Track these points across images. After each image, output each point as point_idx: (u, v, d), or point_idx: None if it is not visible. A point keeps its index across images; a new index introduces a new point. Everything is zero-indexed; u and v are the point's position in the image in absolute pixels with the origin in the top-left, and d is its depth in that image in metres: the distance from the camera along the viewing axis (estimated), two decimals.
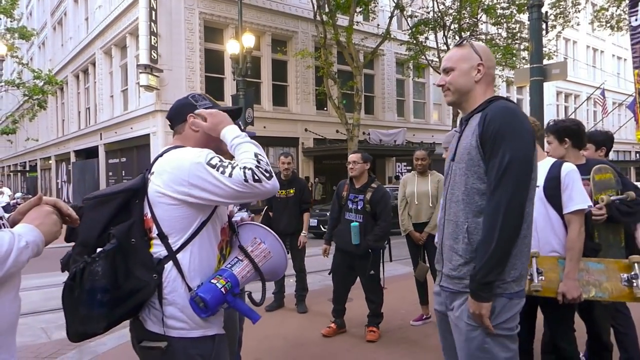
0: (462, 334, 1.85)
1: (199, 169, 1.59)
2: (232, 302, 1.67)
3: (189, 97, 1.87)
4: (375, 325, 4.59)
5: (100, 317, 1.58)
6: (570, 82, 28.95)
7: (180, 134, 1.84)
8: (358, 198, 4.56)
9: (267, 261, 1.82)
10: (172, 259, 1.65)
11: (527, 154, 1.78)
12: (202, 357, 1.67)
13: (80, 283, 1.55)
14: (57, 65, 25.92)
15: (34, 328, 4.98)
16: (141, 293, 1.62)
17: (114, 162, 20.46)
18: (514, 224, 1.74)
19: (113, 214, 1.69)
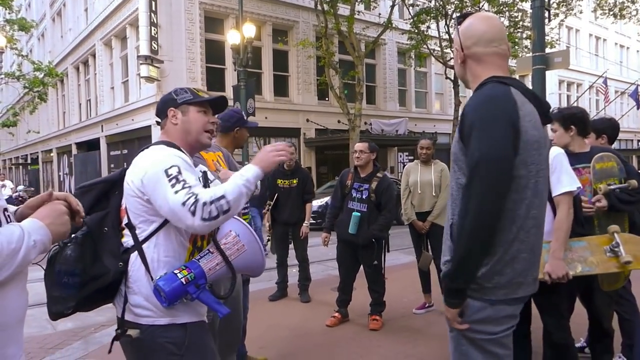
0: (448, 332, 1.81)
1: (155, 173, 1.67)
2: (194, 293, 1.68)
3: (171, 92, 1.95)
4: (378, 314, 4.62)
5: (68, 298, 1.69)
6: (573, 70, 28.78)
7: (163, 128, 1.94)
8: (363, 187, 4.53)
9: (239, 255, 1.81)
10: (137, 249, 1.73)
11: (497, 149, 1.54)
12: (173, 344, 1.71)
13: (52, 266, 1.68)
14: (56, 56, 25.83)
15: (40, 319, 5.01)
16: (101, 279, 1.71)
17: (115, 154, 20.46)
18: (480, 229, 1.54)
19: (93, 203, 1.82)
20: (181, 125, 1.88)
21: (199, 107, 1.91)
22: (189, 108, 1.89)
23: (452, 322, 1.69)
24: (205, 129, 1.91)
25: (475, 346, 1.69)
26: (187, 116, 1.89)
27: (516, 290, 1.66)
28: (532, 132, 1.63)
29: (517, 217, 1.62)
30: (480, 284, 1.63)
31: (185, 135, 1.88)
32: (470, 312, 1.66)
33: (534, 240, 1.68)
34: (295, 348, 4.06)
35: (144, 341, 1.72)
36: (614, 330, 3.13)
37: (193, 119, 1.89)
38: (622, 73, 33.32)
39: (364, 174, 4.60)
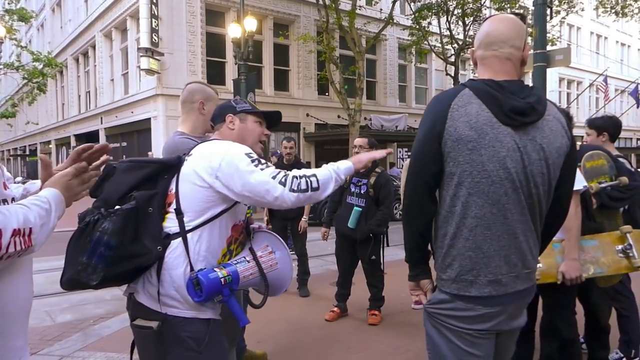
0: None
1: (236, 156, 1.69)
2: (227, 296, 1.69)
3: (231, 101, 2.03)
4: (376, 309, 4.63)
5: (96, 268, 1.58)
6: (573, 68, 28.78)
7: (218, 130, 1.99)
8: (362, 182, 4.55)
9: (272, 271, 1.83)
10: (182, 236, 1.70)
11: (415, 146, 1.71)
12: (193, 340, 1.68)
13: (91, 232, 1.59)
14: (56, 47, 25.74)
15: (38, 311, 5.02)
16: (141, 259, 1.65)
17: (114, 147, 20.40)
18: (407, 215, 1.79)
19: (140, 181, 1.77)
20: (237, 131, 1.95)
21: (256, 117, 1.99)
22: (247, 117, 1.98)
23: (410, 291, 1.88)
24: (260, 139, 1.98)
25: (435, 328, 1.76)
26: (244, 124, 1.97)
27: (468, 288, 1.66)
28: (466, 132, 1.61)
29: (454, 213, 1.66)
30: (439, 274, 1.74)
31: (240, 141, 1.88)
32: (434, 297, 1.77)
33: (480, 241, 1.64)
34: (294, 342, 4.07)
35: (165, 332, 1.68)
36: (610, 326, 3.15)
37: (250, 128, 1.98)
38: (623, 71, 33.30)
39: (363, 169, 4.60)
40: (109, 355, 3.74)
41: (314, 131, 19.22)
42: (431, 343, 1.79)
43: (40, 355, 3.82)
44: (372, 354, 3.78)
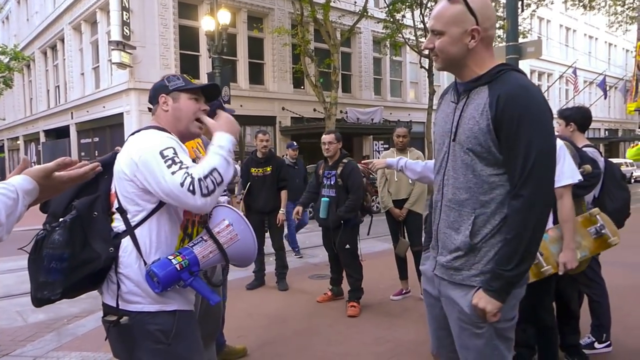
0: (465, 329, 1.72)
1: (150, 155, 1.63)
2: (187, 279, 1.67)
3: (164, 79, 1.92)
4: (355, 300, 4.68)
5: (55, 283, 1.62)
6: (544, 60, 29.33)
7: (154, 113, 1.91)
8: (331, 174, 4.79)
9: (233, 243, 1.80)
10: (130, 234, 1.70)
11: (552, 144, 1.60)
12: (161, 332, 1.68)
13: (40, 250, 1.61)
14: (22, 40, 24.92)
15: (9, 312, 4.89)
16: (92, 264, 1.66)
17: (86, 142, 19.97)
18: (544, 221, 1.62)
19: (81, 187, 1.76)
20: (172, 112, 1.85)
21: (190, 94, 1.88)
22: (180, 95, 1.86)
23: (491, 317, 1.62)
24: (196, 117, 1.88)
25: (503, 339, 1.70)
26: (177, 103, 1.86)
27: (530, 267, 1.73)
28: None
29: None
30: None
31: (175, 122, 1.85)
32: (507, 310, 1.65)
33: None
34: (274, 336, 4.06)
35: (132, 328, 1.69)
36: (579, 311, 3.25)
37: (184, 106, 1.86)
38: (591, 63, 34.13)
39: (332, 161, 4.84)
40: (85, 355, 3.67)
41: (290, 125, 19.14)
42: (499, 356, 1.71)
43: (12, 357, 3.73)
44: (352, 346, 3.80)
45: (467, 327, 1.70)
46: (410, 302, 4.93)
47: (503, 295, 1.61)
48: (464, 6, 1.62)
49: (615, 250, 2.91)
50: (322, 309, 4.77)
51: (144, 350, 1.69)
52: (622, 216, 3.15)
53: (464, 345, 1.75)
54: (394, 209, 4.91)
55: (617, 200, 3.12)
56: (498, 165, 1.63)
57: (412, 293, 5.08)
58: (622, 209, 3.14)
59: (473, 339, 1.70)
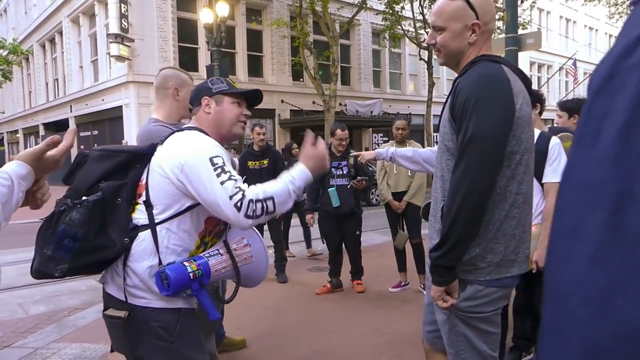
0: (439, 312, 1.78)
1: (199, 160, 1.62)
2: (196, 290, 1.66)
3: (207, 82, 1.94)
4: (359, 279, 5.11)
5: (61, 260, 1.58)
6: (544, 52, 29.23)
7: (195, 115, 1.91)
8: (342, 165, 4.93)
9: (246, 264, 1.80)
10: (151, 229, 1.67)
11: (491, 130, 1.53)
12: (164, 329, 1.67)
13: (56, 224, 1.58)
14: (21, 34, 24.82)
15: (11, 303, 4.92)
16: (105, 252, 1.64)
17: (85, 135, 19.95)
18: (471, 207, 1.54)
19: (110, 170, 1.74)
20: (214, 115, 1.86)
21: (233, 98, 1.89)
22: (224, 98, 1.87)
23: (436, 300, 1.67)
24: (239, 120, 1.89)
25: (470, 326, 1.70)
26: (220, 106, 1.86)
27: (509, 268, 1.66)
28: (525, 109, 1.62)
29: (508, 194, 1.62)
30: (475, 264, 1.63)
31: (217, 125, 1.85)
32: (465, 294, 1.67)
33: (523, 217, 1.67)
34: (273, 327, 4.09)
35: (135, 323, 1.67)
36: None
37: (227, 110, 1.87)
38: (591, 55, 34.01)
39: (339, 153, 4.97)
40: (85, 346, 3.70)
41: (289, 117, 19.12)
42: (466, 343, 1.72)
43: (13, 348, 3.75)
44: (351, 338, 3.83)
45: (440, 311, 1.76)
46: (409, 294, 4.95)
47: (435, 279, 1.65)
48: (464, 1, 1.66)
49: None
50: (321, 301, 4.80)
51: (145, 346, 1.68)
52: None
53: (441, 330, 1.82)
54: (393, 202, 4.93)
55: None
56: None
57: (411, 285, 5.11)
58: None
59: (442, 323, 1.77)
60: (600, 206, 0.37)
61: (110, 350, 1.85)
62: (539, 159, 2.63)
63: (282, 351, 3.59)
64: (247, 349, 3.67)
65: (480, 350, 1.71)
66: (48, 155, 1.33)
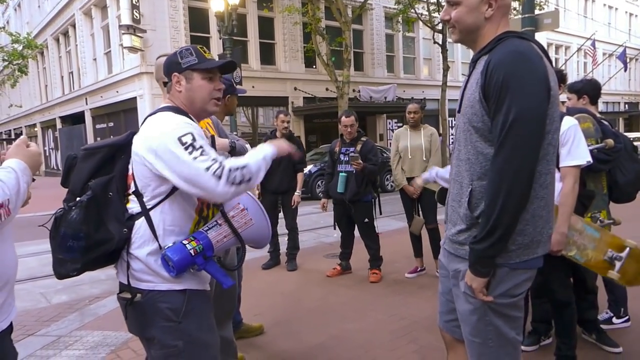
0: (462, 302, 1.72)
1: (167, 142, 1.62)
2: (202, 264, 1.69)
3: (176, 54, 1.82)
4: (376, 268, 5.04)
5: (72, 260, 1.68)
6: (561, 33, 28.61)
7: (169, 92, 1.85)
8: (350, 150, 4.94)
9: (247, 228, 1.80)
10: (145, 216, 1.71)
11: (536, 110, 1.50)
12: (171, 310, 1.71)
13: (57, 228, 1.66)
14: (35, 28, 25.08)
15: (34, 293, 5.02)
16: (106, 245, 1.69)
17: (101, 127, 20.17)
18: (520, 192, 1.52)
19: (98, 166, 1.78)
20: (185, 93, 1.80)
21: (204, 73, 1.80)
22: (193, 75, 1.78)
23: (478, 293, 1.62)
24: (212, 97, 1.83)
25: (499, 314, 1.66)
26: (191, 84, 1.79)
27: (536, 249, 1.63)
28: (555, 87, 1.58)
29: (538, 175, 1.57)
30: (506, 247, 1.59)
31: (190, 103, 1.81)
32: (497, 280, 1.62)
33: (549, 196, 1.64)
34: (290, 314, 4.11)
35: (144, 305, 1.72)
36: (597, 287, 3.22)
37: (197, 88, 1.79)
38: (610, 35, 33.20)
39: (349, 139, 5.00)
40: (106, 334, 3.77)
41: (302, 105, 19.07)
42: (495, 332, 1.67)
43: (37, 336, 3.84)
44: (367, 323, 3.84)
45: (466, 301, 1.71)
46: (425, 279, 4.94)
47: (479, 270, 1.60)
48: None
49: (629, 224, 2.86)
50: (336, 287, 4.81)
51: (155, 327, 1.72)
52: (634, 189, 3.09)
53: (462, 319, 1.76)
54: (408, 187, 4.89)
55: (629, 173, 3.05)
56: (490, 135, 1.60)
57: (427, 271, 5.09)
58: (635, 182, 3.07)
59: (468, 313, 1.70)
60: None
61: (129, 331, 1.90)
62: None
63: (299, 337, 3.62)
64: (264, 335, 3.70)
65: (508, 337, 1.68)
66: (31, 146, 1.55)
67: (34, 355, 3.47)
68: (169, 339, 1.71)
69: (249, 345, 3.49)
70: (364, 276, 5.06)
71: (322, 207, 5.38)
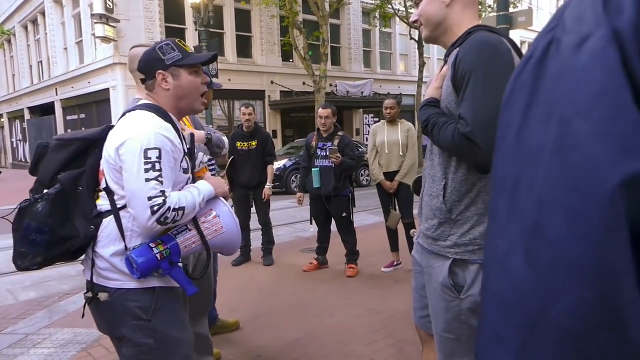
0: (436, 299, 1.71)
1: (134, 148, 1.58)
2: (167, 269, 1.66)
3: (156, 49, 1.76)
4: (353, 262, 5.05)
5: (34, 254, 1.64)
6: (534, 31, 29.08)
7: (151, 90, 1.78)
8: (327, 146, 4.91)
9: (217, 236, 1.77)
10: (114, 214, 1.66)
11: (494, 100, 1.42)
12: (140, 309, 1.67)
13: (21, 220, 1.61)
14: (2, 14, 24.26)
15: (0, 290, 4.87)
16: (71, 242, 1.65)
17: (72, 119, 19.66)
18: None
19: (69, 159, 1.73)
20: (173, 91, 1.75)
21: (190, 68, 1.77)
22: (180, 71, 1.74)
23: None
24: (201, 93, 1.81)
25: (475, 313, 1.63)
26: (179, 81, 1.75)
27: None
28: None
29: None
30: (480, 244, 1.58)
31: (177, 101, 1.77)
32: (471, 279, 1.61)
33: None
34: (267, 309, 4.08)
35: (112, 304, 1.68)
36: None
37: (186, 85, 1.76)
38: None
39: (326, 134, 4.98)
40: (77, 331, 3.67)
41: (279, 99, 18.95)
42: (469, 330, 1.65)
43: (4, 335, 3.72)
44: (345, 317, 3.84)
45: (440, 298, 1.69)
46: (402, 274, 4.97)
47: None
48: None
49: None
50: (314, 282, 4.80)
51: (125, 326, 1.69)
52: None
53: (434, 315, 1.75)
54: (385, 182, 4.91)
55: None
56: None
57: (403, 265, 5.12)
58: None
59: (443, 311, 1.68)
60: (504, 193, 0.51)
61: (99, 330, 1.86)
62: None
63: (276, 332, 3.59)
64: (241, 330, 3.66)
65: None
66: None
67: (1, 355, 3.36)
68: (140, 338, 1.68)
69: (225, 341, 3.45)
70: (341, 271, 5.06)
71: (298, 201, 5.33)
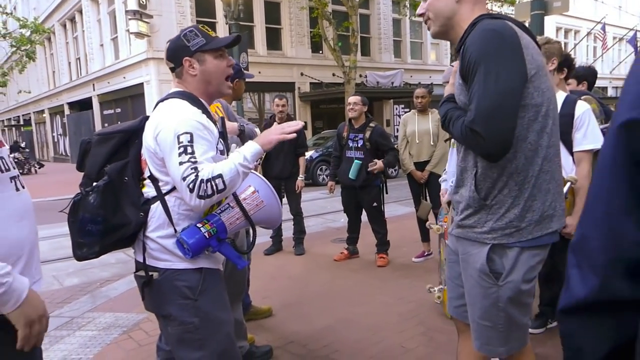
0: (473, 285, 1.71)
1: (167, 136, 1.65)
2: (216, 247, 1.73)
3: (181, 37, 1.83)
4: (384, 252, 5.08)
5: (91, 244, 1.74)
6: (570, 17, 28.16)
7: (180, 78, 1.86)
8: (358, 137, 4.91)
9: (259, 210, 1.83)
10: (160, 200, 1.75)
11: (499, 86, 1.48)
12: (188, 288, 1.75)
13: (76, 213, 1.71)
14: (42, 13, 25.04)
15: (46, 276, 5.09)
16: (124, 229, 1.75)
17: (109, 113, 20.23)
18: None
19: (112, 152, 1.82)
20: (200, 76, 1.81)
21: (215, 52, 1.83)
22: (205, 56, 1.81)
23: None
24: (226, 75, 1.87)
25: (514, 302, 1.64)
26: (205, 65, 1.81)
27: (549, 223, 1.62)
28: (538, 58, 1.56)
29: (540, 149, 1.57)
30: (517, 225, 1.59)
31: (205, 85, 1.83)
32: (510, 265, 1.62)
33: (555, 169, 1.63)
34: (299, 297, 4.16)
35: (161, 283, 1.77)
36: None
37: (213, 68, 1.82)
38: (621, 18, 32.61)
39: (358, 125, 4.96)
40: (118, 315, 3.84)
41: (309, 90, 19.00)
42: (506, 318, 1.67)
43: (51, 317, 3.85)
44: (374, 306, 3.88)
45: (477, 285, 1.69)
46: (433, 263, 4.96)
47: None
48: None
49: None
50: (344, 271, 4.85)
51: (172, 305, 1.77)
52: None
53: (471, 302, 1.76)
54: (416, 172, 4.90)
55: None
56: None
57: (434, 255, 5.11)
58: None
59: (480, 297, 1.69)
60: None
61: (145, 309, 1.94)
62: (567, 123, 2.57)
63: (307, 319, 3.67)
64: (273, 317, 3.75)
65: (519, 323, 1.70)
66: None
67: (49, 336, 3.54)
68: (186, 316, 1.76)
69: (258, 327, 3.54)
70: (371, 260, 5.10)
71: (329, 189, 5.36)
